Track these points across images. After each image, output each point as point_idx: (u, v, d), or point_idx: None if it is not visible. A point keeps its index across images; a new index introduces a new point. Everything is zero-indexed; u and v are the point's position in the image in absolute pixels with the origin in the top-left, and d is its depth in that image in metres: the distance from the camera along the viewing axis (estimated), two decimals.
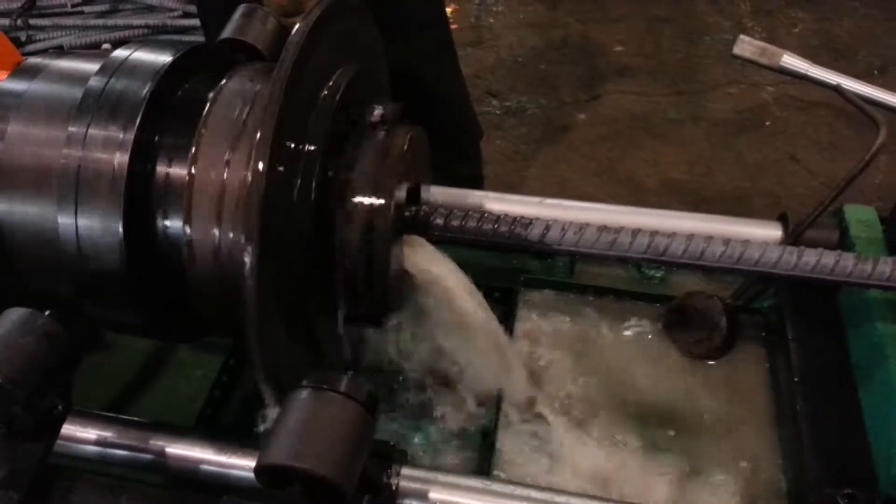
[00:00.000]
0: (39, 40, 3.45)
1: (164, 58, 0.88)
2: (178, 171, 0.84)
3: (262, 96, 0.85)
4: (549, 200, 1.29)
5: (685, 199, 3.05)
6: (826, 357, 1.17)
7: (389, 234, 0.86)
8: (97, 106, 0.84)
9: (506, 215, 0.97)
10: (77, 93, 0.85)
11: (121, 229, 0.81)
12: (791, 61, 1.32)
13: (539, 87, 3.49)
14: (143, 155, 0.83)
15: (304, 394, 0.76)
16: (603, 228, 0.95)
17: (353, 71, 0.92)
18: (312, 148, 0.84)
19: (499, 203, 1.27)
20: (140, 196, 0.83)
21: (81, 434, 1.03)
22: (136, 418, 1.06)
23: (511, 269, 1.41)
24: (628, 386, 1.27)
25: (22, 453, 0.81)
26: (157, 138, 0.85)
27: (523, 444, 1.17)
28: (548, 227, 0.95)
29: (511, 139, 3.23)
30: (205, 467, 1.00)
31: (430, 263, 0.98)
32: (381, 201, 0.86)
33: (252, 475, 0.92)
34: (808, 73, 1.30)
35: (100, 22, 3.46)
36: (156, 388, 1.30)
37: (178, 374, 1.31)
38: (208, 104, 0.87)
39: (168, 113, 0.86)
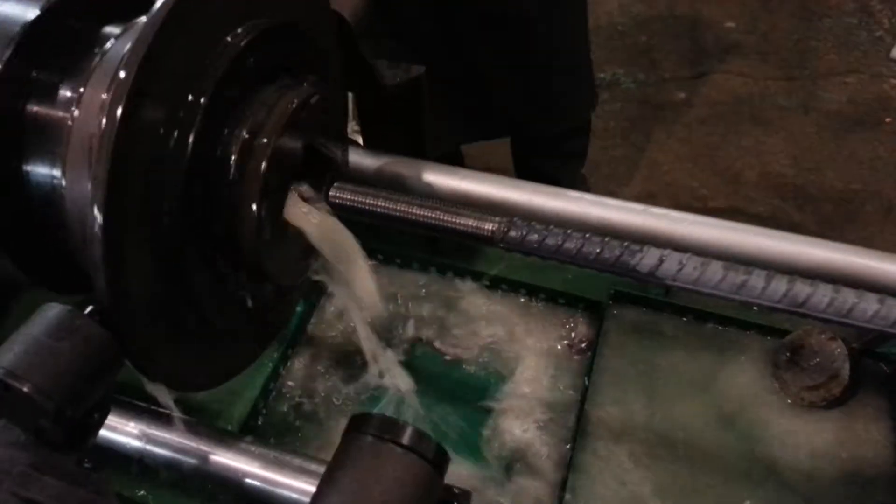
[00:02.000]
0: None
1: None
2: (60, 113, 0.78)
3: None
4: (655, 209, 1.13)
5: (786, 196, 2.82)
6: None
7: (257, 191, 0.82)
8: None
9: (611, 240, 0.82)
10: None
11: None
12: None
13: (638, 59, 3.26)
14: (12, 90, 0.77)
15: (362, 445, 0.65)
16: (730, 267, 0.80)
17: (267, 24, 0.85)
18: (199, 99, 0.77)
19: (596, 208, 1.12)
20: (9, 136, 0.78)
21: (120, 426, 0.95)
22: (179, 415, 0.98)
23: (600, 280, 1.27)
24: (722, 431, 1.12)
25: (49, 465, 0.72)
26: (38, 74, 0.78)
27: (604, 486, 1.04)
28: (661, 259, 0.80)
29: (602, 114, 3.02)
30: (249, 482, 0.91)
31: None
32: (255, 160, 0.82)
33: (302, 498, 0.84)
34: None
35: None
36: None
37: None
38: (111, 40, 0.80)
39: (63, 46, 0.79)
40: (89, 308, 0.74)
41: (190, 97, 0.78)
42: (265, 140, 0.84)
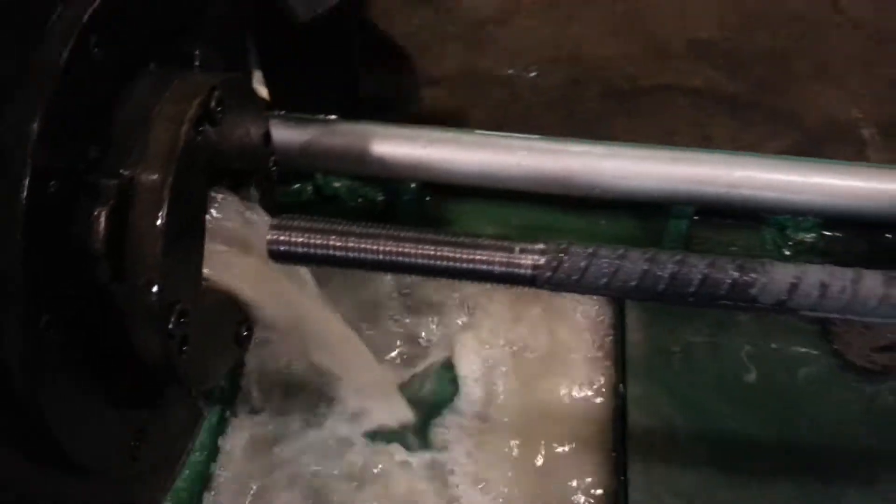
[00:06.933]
0: None
1: None
2: None
3: None
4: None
5: (716, 64, 2.60)
6: None
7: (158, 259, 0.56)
8: None
9: (717, 259, 0.55)
10: None
11: None
12: None
13: None
14: None
15: None
16: (891, 279, 0.55)
17: None
18: (26, 122, 0.51)
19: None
20: None
21: None
22: None
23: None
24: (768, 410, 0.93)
25: None
26: None
27: None
28: (796, 281, 0.54)
29: None
30: None
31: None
32: (148, 214, 0.56)
33: None
34: None
35: None
36: None
37: None
38: None
39: None
40: None
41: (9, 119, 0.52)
42: (155, 177, 0.52)
